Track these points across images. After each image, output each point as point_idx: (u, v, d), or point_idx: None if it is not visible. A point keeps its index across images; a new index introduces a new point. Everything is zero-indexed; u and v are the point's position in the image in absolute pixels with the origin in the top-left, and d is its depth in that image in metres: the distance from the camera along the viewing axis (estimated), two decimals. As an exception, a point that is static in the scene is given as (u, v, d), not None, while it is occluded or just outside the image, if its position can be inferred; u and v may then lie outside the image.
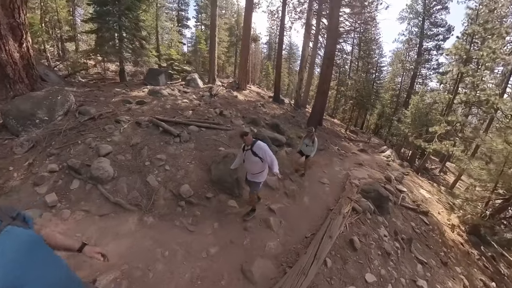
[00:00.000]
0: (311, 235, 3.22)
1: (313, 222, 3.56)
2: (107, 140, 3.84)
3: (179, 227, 2.98)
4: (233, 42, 23.26)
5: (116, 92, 6.88)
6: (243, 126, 6.28)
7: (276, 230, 3.20)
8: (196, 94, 8.37)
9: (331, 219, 3.53)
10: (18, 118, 3.81)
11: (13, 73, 4.77)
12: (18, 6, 4.72)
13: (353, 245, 3.11)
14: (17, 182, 3.03)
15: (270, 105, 11.45)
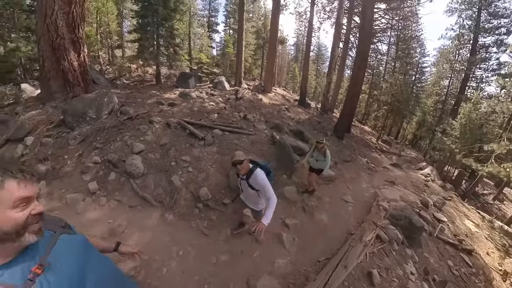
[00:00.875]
0: (324, 260, 2.98)
1: (329, 245, 3.29)
2: (140, 139, 4.23)
3: (195, 228, 3.09)
4: (260, 45, 23.51)
5: (152, 94, 7.57)
6: (266, 131, 6.20)
7: (288, 247, 3.05)
8: (223, 97, 8.59)
9: (350, 245, 3.12)
10: (73, 115, 4.52)
11: (72, 78, 5.66)
12: (78, 24, 5.60)
13: (371, 279, 2.69)
14: (69, 169, 3.60)
15: (295, 109, 11.11)
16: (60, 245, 0.78)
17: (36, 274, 0.66)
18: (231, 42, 19.38)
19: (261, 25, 23.77)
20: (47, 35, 5.23)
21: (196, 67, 15.79)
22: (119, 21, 16.39)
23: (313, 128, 8.72)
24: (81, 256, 0.82)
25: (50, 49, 5.33)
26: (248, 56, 20.63)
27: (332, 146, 7.31)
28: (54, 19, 5.16)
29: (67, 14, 5.32)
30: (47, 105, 5.23)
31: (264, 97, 10.94)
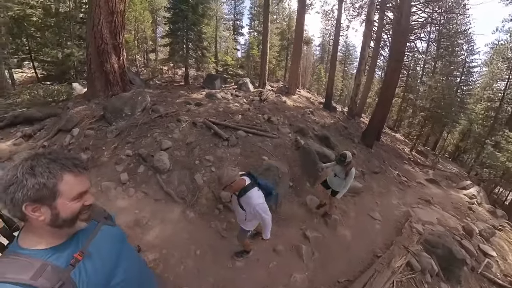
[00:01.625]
0: (345, 281, 2.71)
1: (351, 265, 3.01)
2: (168, 136, 4.43)
3: (214, 229, 3.09)
4: (284, 46, 23.30)
5: (180, 94, 7.96)
6: (290, 134, 5.97)
7: (306, 262, 2.85)
8: (247, 98, 8.62)
9: (376, 270, 2.79)
10: (112, 111, 4.99)
11: (112, 78, 6.27)
12: (119, 31, 6.23)
13: (397, 313, 2.34)
14: (106, 159, 3.95)
15: (320, 112, 10.59)
16: (101, 236, 0.85)
17: (77, 260, 0.72)
18: (256, 44, 19.59)
19: (286, 26, 23.56)
20: (94, 41, 5.93)
21: (222, 69, 16.28)
22: (153, 28, 17.90)
23: (339, 134, 8.14)
24: (117, 246, 0.90)
25: (95, 54, 6.01)
26: (272, 57, 20.60)
27: (360, 155, 6.73)
28: (100, 28, 5.81)
29: (110, 23, 5.96)
30: (92, 101, 5.85)
31: (288, 99, 10.68)
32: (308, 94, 16.52)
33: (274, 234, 3.12)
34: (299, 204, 3.88)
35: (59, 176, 0.67)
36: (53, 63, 10.56)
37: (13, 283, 0.61)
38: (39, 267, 0.66)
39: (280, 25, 23.48)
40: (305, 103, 11.83)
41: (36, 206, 0.66)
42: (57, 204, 0.68)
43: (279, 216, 3.53)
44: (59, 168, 0.68)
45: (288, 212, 3.64)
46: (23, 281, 0.62)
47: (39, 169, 0.65)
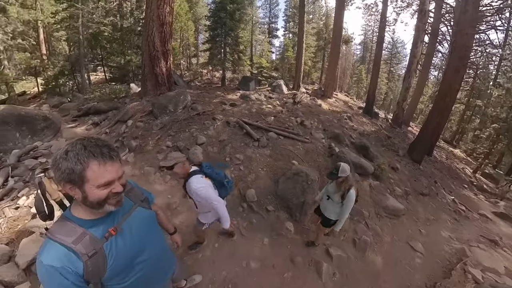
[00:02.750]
0: None
1: None
2: (203, 133, 4.73)
3: (235, 226, 3.11)
4: (321, 47, 22.37)
5: (217, 94, 8.43)
6: (323, 140, 5.60)
7: (324, 281, 2.59)
8: (280, 100, 8.52)
9: None
10: (158, 108, 5.65)
11: (161, 80, 7.13)
12: (167, 39, 7.11)
13: None
14: (150, 147, 4.49)
15: (359, 118, 9.61)
16: (134, 216, 0.94)
17: (110, 234, 0.83)
18: (291, 46, 19.37)
19: (323, 25, 22.59)
20: (147, 49, 6.91)
21: (256, 71, 16.64)
22: (196, 35, 19.67)
23: (381, 144, 7.21)
24: (146, 228, 1.00)
25: (148, 59, 6.95)
26: (307, 59, 20.02)
27: (404, 171, 5.79)
28: (152, 38, 6.75)
29: (161, 33, 6.86)
30: (143, 99, 6.82)
31: (324, 103, 10.13)
32: (346, 98, 15.37)
33: (295, 244, 2.99)
34: None
35: (85, 164, 0.71)
36: (117, 68, 12.94)
37: (59, 243, 0.75)
38: (80, 235, 0.77)
39: (317, 24, 22.66)
40: (342, 107, 10.99)
41: (71, 187, 0.74)
42: (86, 188, 0.73)
43: (303, 225, 3.33)
44: (86, 156, 0.71)
45: (312, 222, 3.39)
46: (66, 244, 0.75)
47: (70, 154, 0.70)
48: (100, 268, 0.80)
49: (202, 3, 21.07)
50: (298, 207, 3.36)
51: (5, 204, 3.00)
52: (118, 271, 0.86)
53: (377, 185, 4.59)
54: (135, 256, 0.92)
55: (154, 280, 1.07)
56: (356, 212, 3.81)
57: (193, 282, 2.22)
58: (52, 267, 0.72)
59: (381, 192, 4.41)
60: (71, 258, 0.74)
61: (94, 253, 0.78)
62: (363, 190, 4.29)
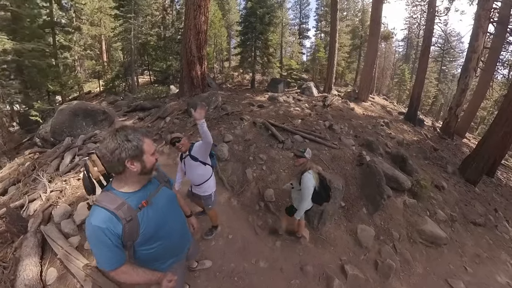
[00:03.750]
0: None
1: None
2: (231, 132, 4.99)
3: (250, 223, 3.16)
4: (356, 45, 20.90)
5: (246, 96, 8.74)
6: (353, 147, 5.15)
7: None
8: (309, 103, 8.32)
9: None
10: (192, 107, 6.04)
11: (196, 82, 7.76)
12: (202, 46, 7.69)
13: None
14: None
15: (399, 125, 8.61)
16: (160, 193, 1.14)
17: (143, 206, 1.01)
18: (322, 46, 18.73)
19: (358, 22, 21.09)
20: (185, 55, 7.61)
21: (286, 73, 16.59)
22: (228, 41, 20.64)
23: (424, 157, 6.22)
24: (169, 204, 1.18)
25: (186, 64, 7.66)
26: (341, 59, 19.01)
27: (452, 192, 4.86)
28: (190, 45, 7.42)
29: (196, 40, 7.48)
30: (180, 99, 7.55)
31: (357, 107, 9.49)
32: (384, 102, 14.08)
33: (307, 252, 2.87)
34: (346, 230, 3.35)
35: (143, 140, 0.97)
36: (160, 72, 14.75)
37: (105, 208, 0.93)
38: (120, 203, 0.96)
39: (351, 21, 21.30)
40: (379, 112, 10.10)
41: (133, 161, 0.95)
42: (144, 158, 0.97)
43: (319, 234, 3.17)
44: (140, 135, 0.97)
45: (331, 234, 3.22)
46: (110, 209, 0.93)
47: (131, 136, 0.94)
48: (134, 232, 0.98)
49: (234, 10, 22.04)
50: (316, 214, 3.23)
51: (71, 175, 3.74)
52: (148, 238, 1.05)
53: (413, 203, 3.98)
54: (160, 227, 1.10)
55: (174, 250, 1.26)
56: (383, 230, 3.43)
57: (203, 266, 2.37)
58: (99, 227, 0.90)
59: (418, 213, 3.85)
60: (113, 221, 0.93)
61: (131, 219, 0.96)
62: (395, 208, 3.83)
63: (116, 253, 0.96)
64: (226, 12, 20.65)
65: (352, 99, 10.42)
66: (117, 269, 0.98)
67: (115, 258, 0.96)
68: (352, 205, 3.67)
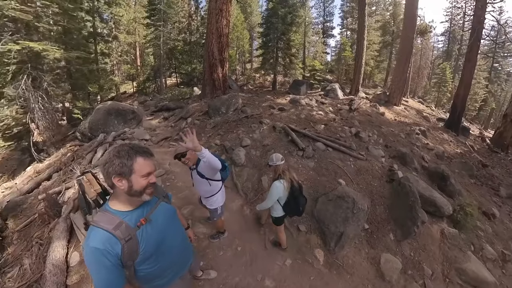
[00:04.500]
0: None
1: None
2: (249, 135, 4.89)
3: (261, 237, 2.97)
4: (387, 42, 19.32)
5: (267, 98, 8.59)
6: (383, 159, 4.55)
7: None
8: (333, 107, 7.78)
9: None
10: (213, 109, 6.32)
11: (217, 85, 7.94)
12: (224, 48, 7.87)
13: None
14: (202, 142, 5.00)
15: (438, 134, 7.50)
16: (159, 209, 1.11)
17: (142, 223, 0.99)
18: (349, 45, 17.69)
19: (389, 16, 19.44)
20: (207, 58, 7.86)
21: (309, 74, 16.09)
22: (250, 43, 20.86)
23: (470, 174, 5.27)
24: (169, 220, 1.16)
25: (208, 66, 7.87)
26: (369, 58, 17.76)
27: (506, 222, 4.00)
28: (211, 48, 7.66)
29: (218, 43, 7.68)
30: (202, 100, 7.81)
31: (388, 111, 8.65)
32: (420, 106, 12.70)
33: (319, 277, 2.61)
34: (368, 257, 2.90)
35: (134, 159, 0.93)
36: (185, 74, 15.76)
37: (102, 229, 0.91)
38: (118, 223, 0.93)
39: (382, 16, 19.74)
40: (413, 117, 9.06)
41: (120, 178, 0.92)
42: (132, 178, 0.93)
43: (335, 258, 2.82)
44: (134, 153, 0.94)
45: (349, 260, 2.82)
46: (108, 229, 0.91)
47: (122, 153, 0.92)
48: (134, 252, 0.95)
49: (256, 12, 22.16)
50: (334, 236, 2.90)
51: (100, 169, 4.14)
52: (148, 256, 1.01)
53: (454, 234, 3.27)
54: (159, 244, 1.06)
55: (175, 266, 1.22)
56: (413, 263, 2.85)
57: (208, 276, 2.32)
58: (97, 249, 0.87)
59: (459, 247, 3.17)
60: (112, 241, 0.90)
61: (130, 238, 0.93)
62: (430, 237, 3.20)
63: (115, 276, 0.92)
64: (248, 15, 20.89)
65: (382, 102, 9.55)
66: None
67: (115, 282, 0.93)
68: (378, 228, 3.21)
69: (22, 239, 2.73)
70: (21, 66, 6.94)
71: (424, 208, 3.31)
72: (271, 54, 11.96)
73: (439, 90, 18.65)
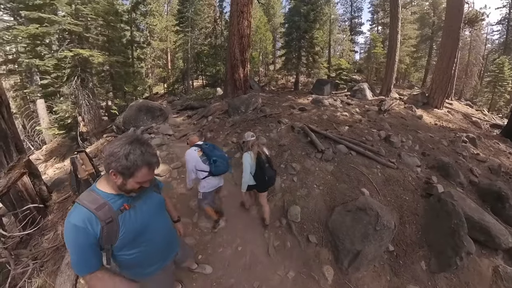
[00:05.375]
0: None
1: None
2: (266, 134, 4.80)
3: (265, 240, 2.78)
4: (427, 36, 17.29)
5: (288, 98, 8.41)
6: (419, 169, 3.93)
7: None
8: (360, 108, 7.17)
9: None
10: (232, 108, 6.41)
11: (238, 85, 8.05)
12: (245, 49, 7.95)
13: None
14: (219, 140, 5.12)
15: (492, 143, 6.27)
16: (146, 197, 1.13)
17: (125, 208, 1.01)
18: (380, 40, 16.33)
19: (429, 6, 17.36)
20: (229, 59, 8.02)
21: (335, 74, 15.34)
22: (273, 44, 20.78)
23: None
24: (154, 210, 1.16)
25: (230, 67, 8.03)
26: (404, 54, 16.11)
27: None
28: (233, 49, 7.79)
29: (240, 44, 7.79)
30: (224, 100, 7.99)
31: (427, 114, 7.70)
32: (468, 109, 11.00)
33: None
34: (388, 286, 2.43)
35: (139, 168, 0.93)
36: (210, 76, 16.63)
37: (85, 207, 0.92)
38: (101, 204, 0.95)
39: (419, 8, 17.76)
40: (459, 122, 7.88)
41: (117, 175, 0.93)
42: (129, 181, 0.94)
43: (347, 280, 2.44)
44: (142, 162, 0.92)
45: (365, 286, 2.41)
46: (90, 209, 0.92)
47: (131, 157, 0.90)
48: (113, 236, 0.96)
49: (279, 13, 22.05)
50: (349, 254, 2.50)
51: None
52: (126, 242, 1.01)
53: (507, 273, 2.52)
54: (141, 232, 1.06)
55: (157, 256, 1.22)
56: None
57: (203, 270, 2.27)
58: (76, 226, 0.88)
59: None
60: (92, 221, 0.91)
61: (110, 220, 0.94)
62: (478, 274, 2.53)
63: (92, 256, 0.93)
64: (271, 17, 20.90)
65: (419, 104, 8.48)
66: (91, 274, 0.94)
67: (90, 262, 0.93)
68: (406, 253, 2.68)
69: (60, 210, 3.12)
70: (73, 69, 8.37)
71: (471, 235, 2.65)
72: (294, 54, 11.69)
73: (494, 90, 15.69)
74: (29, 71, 10.06)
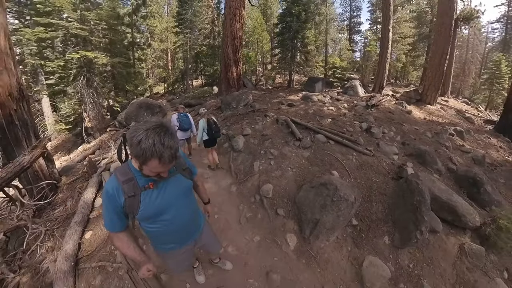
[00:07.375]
0: None
1: None
2: (251, 126, 5.25)
3: (240, 211, 3.21)
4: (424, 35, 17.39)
5: (279, 95, 8.83)
6: (395, 156, 4.26)
7: None
8: (349, 103, 7.52)
9: None
10: (224, 104, 6.98)
11: (231, 83, 8.54)
12: (238, 50, 8.47)
13: None
14: None
15: (483, 137, 6.39)
16: (172, 179, 1.14)
17: (149, 187, 1.07)
18: (374, 39, 16.54)
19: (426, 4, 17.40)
20: (223, 59, 8.58)
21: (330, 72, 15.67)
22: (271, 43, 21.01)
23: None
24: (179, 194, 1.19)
25: (223, 66, 8.54)
26: (401, 53, 16.32)
27: None
28: (227, 49, 8.29)
29: (232, 45, 8.33)
30: (218, 97, 8.51)
31: (418, 110, 7.97)
32: (464, 106, 11.21)
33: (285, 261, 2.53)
34: (349, 257, 2.59)
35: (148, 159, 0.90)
36: (208, 76, 17.08)
37: (116, 178, 1.03)
38: (129, 178, 1.03)
39: (417, 6, 17.83)
40: (450, 118, 8.11)
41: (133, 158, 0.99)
42: (143, 167, 0.95)
43: (309, 248, 2.62)
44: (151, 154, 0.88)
45: (324, 254, 2.59)
46: (119, 180, 1.02)
47: (142, 145, 0.87)
48: (134, 208, 1.05)
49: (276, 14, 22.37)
50: (310, 223, 2.78)
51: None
52: (146, 217, 1.11)
53: (478, 252, 2.59)
54: (161, 212, 1.12)
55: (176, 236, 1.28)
56: (408, 276, 2.38)
57: (223, 266, 2.33)
58: (108, 192, 1.03)
59: (484, 269, 2.51)
60: (119, 191, 1.02)
61: (133, 195, 1.03)
62: (443, 250, 2.62)
63: (116, 219, 1.07)
64: (269, 17, 21.19)
65: (412, 100, 8.71)
66: (115, 233, 1.11)
67: (115, 223, 1.08)
68: (369, 227, 2.85)
69: (69, 189, 3.68)
70: (79, 70, 9.05)
71: (440, 215, 2.79)
72: (287, 53, 12.06)
73: (492, 88, 15.48)
74: (34, 72, 10.85)
